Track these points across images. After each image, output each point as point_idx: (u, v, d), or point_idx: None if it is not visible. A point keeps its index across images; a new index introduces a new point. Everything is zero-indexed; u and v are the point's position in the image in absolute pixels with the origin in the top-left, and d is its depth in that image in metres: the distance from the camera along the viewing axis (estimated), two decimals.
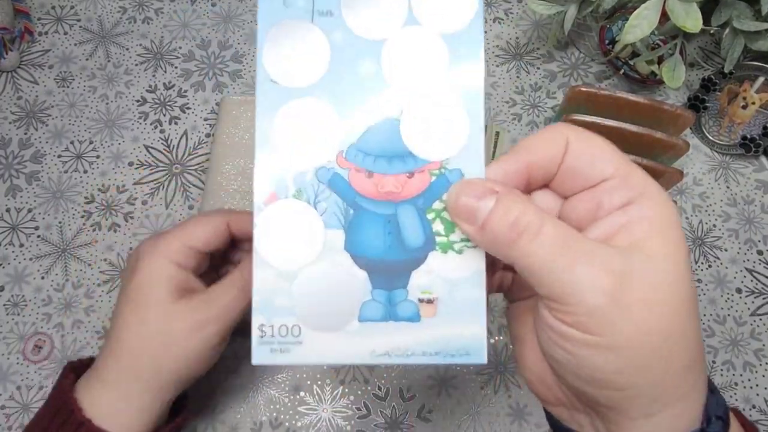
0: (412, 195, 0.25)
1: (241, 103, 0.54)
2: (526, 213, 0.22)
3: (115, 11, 0.62)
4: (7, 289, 0.52)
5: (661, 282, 0.21)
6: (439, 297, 0.25)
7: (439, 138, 0.25)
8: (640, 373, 0.22)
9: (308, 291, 0.25)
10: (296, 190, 0.25)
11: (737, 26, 0.50)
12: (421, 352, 0.25)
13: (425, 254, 0.25)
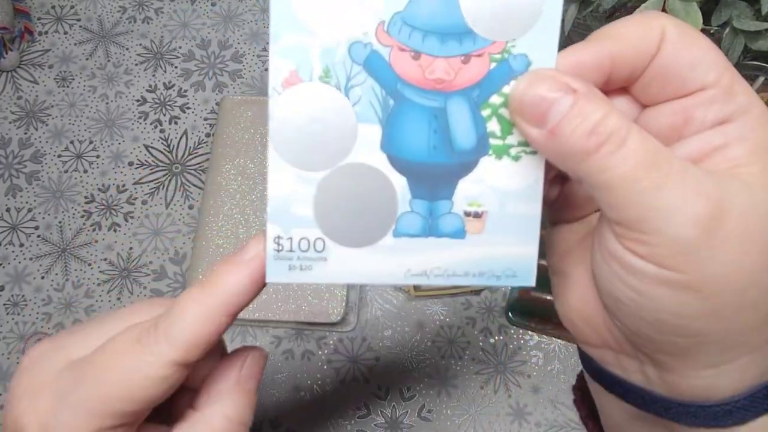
0: (466, 85, 0.20)
1: (241, 103, 0.54)
2: (609, 118, 0.17)
3: (115, 11, 0.62)
4: (7, 288, 0.52)
5: (761, 217, 0.18)
6: (489, 210, 0.21)
7: (507, 12, 0.19)
8: (721, 319, 0.18)
9: (335, 198, 0.20)
10: (323, 70, 0.20)
11: (737, 26, 0.50)
12: (463, 273, 0.21)
13: (476, 159, 0.21)
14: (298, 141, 0.20)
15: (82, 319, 0.50)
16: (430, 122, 0.20)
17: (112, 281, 0.52)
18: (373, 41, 0.19)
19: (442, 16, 0.19)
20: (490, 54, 0.20)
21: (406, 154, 0.20)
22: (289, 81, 0.19)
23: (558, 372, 0.49)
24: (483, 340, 0.50)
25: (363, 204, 0.21)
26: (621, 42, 0.19)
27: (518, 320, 0.50)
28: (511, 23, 0.19)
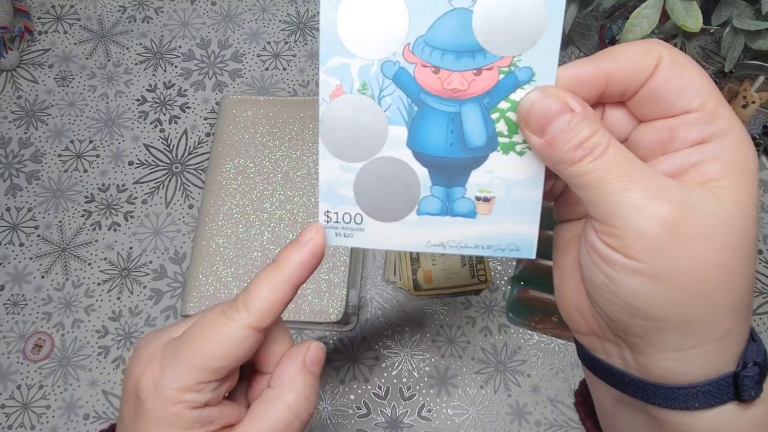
0: (477, 93, 0.24)
1: (241, 102, 0.54)
2: (595, 136, 0.21)
3: (114, 10, 0.62)
4: (7, 288, 0.52)
5: (721, 222, 0.21)
6: (497, 196, 0.25)
7: (513, 32, 0.23)
8: (679, 307, 0.21)
9: (370, 184, 0.26)
10: (361, 84, 0.24)
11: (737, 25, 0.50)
12: (473, 245, 0.26)
13: (486, 154, 0.25)
14: (342, 139, 0.25)
15: (82, 319, 0.50)
16: (447, 124, 0.25)
17: (112, 281, 0.52)
18: (401, 60, 0.24)
19: (458, 38, 0.23)
20: (498, 67, 0.24)
21: (428, 149, 0.25)
22: (334, 93, 0.24)
23: (558, 371, 0.49)
24: (483, 339, 0.50)
25: (392, 188, 0.26)
26: (619, 63, 0.22)
27: (518, 319, 0.50)
28: (517, 41, 0.23)
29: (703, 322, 0.21)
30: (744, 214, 0.21)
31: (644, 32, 0.47)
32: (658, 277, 0.21)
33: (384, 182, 0.26)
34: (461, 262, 0.51)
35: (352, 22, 0.24)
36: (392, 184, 0.26)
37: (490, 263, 0.52)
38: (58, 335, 0.50)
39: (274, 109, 0.53)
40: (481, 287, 0.51)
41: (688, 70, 0.22)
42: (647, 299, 0.21)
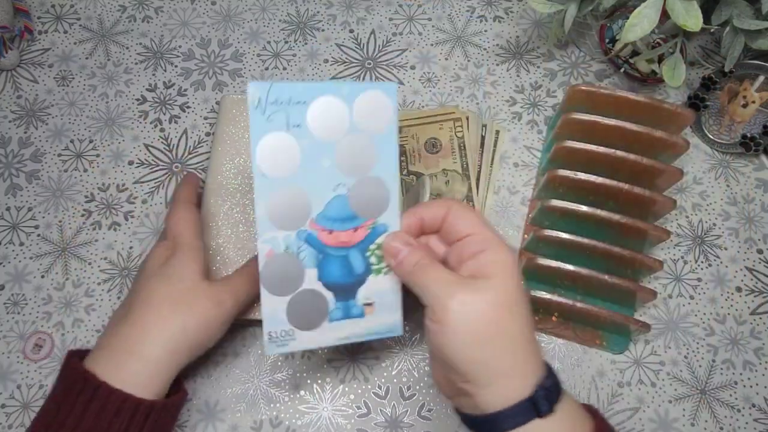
0: (357, 242, 0.38)
1: (241, 102, 0.54)
2: (423, 258, 0.36)
3: (114, 10, 0.62)
4: (8, 287, 0.52)
5: (491, 298, 0.33)
6: (375, 301, 0.39)
7: (371, 206, 0.38)
8: (475, 355, 0.33)
9: (297, 308, 0.38)
10: (285, 246, 0.37)
11: (737, 25, 0.50)
12: (365, 334, 0.39)
13: (366, 277, 0.38)
14: (276, 282, 0.37)
15: (82, 318, 0.50)
16: (341, 262, 0.38)
17: (112, 280, 0.52)
18: (308, 228, 0.37)
19: (341, 212, 0.37)
20: (367, 226, 0.38)
21: (331, 280, 0.38)
22: (268, 254, 0.37)
23: (558, 371, 0.49)
24: None
25: (311, 308, 0.38)
26: (425, 214, 0.38)
27: None
28: (374, 210, 0.38)
29: (493, 364, 0.33)
30: (507, 292, 0.34)
31: (644, 31, 0.47)
32: (453, 333, 0.33)
33: (305, 305, 0.38)
34: None
35: (277, 211, 0.36)
36: (311, 306, 0.38)
37: None
38: (59, 335, 0.50)
39: None
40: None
41: (464, 212, 0.37)
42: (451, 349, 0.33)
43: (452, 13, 0.62)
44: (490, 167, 0.55)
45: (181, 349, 0.40)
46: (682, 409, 0.49)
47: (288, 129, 0.35)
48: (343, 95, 0.36)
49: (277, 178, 0.36)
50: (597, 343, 0.50)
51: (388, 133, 0.37)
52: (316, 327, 0.38)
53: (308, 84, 0.36)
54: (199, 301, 0.41)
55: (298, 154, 0.36)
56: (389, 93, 0.37)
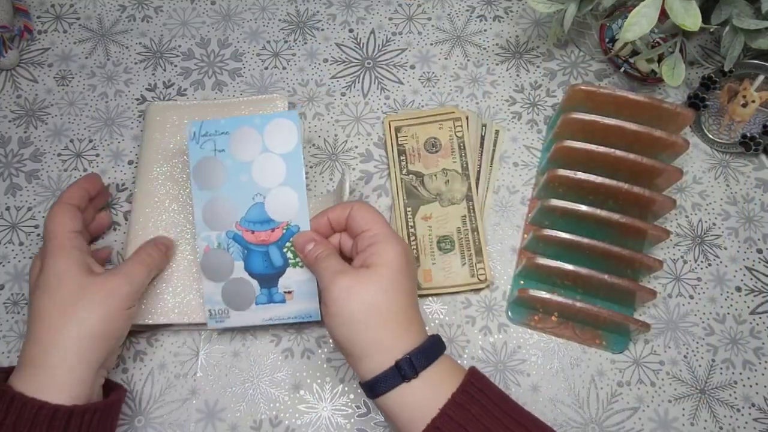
0: (275, 240, 0.46)
1: (166, 109, 0.54)
2: (324, 251, 0.43)
3: (114, 9, 0.62)
4: (7, 287, 0.52)
5: (368, 284, 0.39)
6: (294, 290, 0.47)
7: (284, 210, 0.46)
8: (350, 333, 0.39)
9: (230, 292, 0.47)
10: (218, 243, 0.47)
11: (737, 24, 0.50)
12: (287, 317, 0.47)
13: (285, 269, 0.46)
14: (212, 271, 0.47)
15: None
16: (263, 256, 0.46)
17: None
18: (235, 229, 0.46)
19: (260, 216, 0.46)
20: (282, 227, 0.46)
21: (255, 270, 0.47)
22: (206, 249, 0.47)
23: (558, 371, 0.49)
24: (483, 338, 0.50)
25: (240, 293, 0.47)
26: (332, 214, 0.45)
27: (518, 319, 0.50)
28: (287, 214, 0.46)
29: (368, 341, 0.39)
30: (382, 277, 0.40)
31: (643, 31, 0.47)
32: (337, 316, 0.39)
33: (236, 290, 0.47)
34: (461, 261, 0.51)
35: (209, 215, 0.46)
36: (240, 291, 0.47)
37: (490, 263, 0.52)
38: None
39: (199, 113, 0.54)
40: (481, 286, 0.51)
41: (363, 212, 0.43)
42: (336, 331, 0.40)
43: (452, 13, 0.62)
44: (490, 167, 0.55)
45: (88, 349, 0.41)
46: (681, 409, 0.49)
47: (215, 153, 0.46)
48: (255, 124, 0.46)
49: (209, 190, 0.46)
50: (597, 342, 0.50)
51: (295, 152, 0.46)
52: (245, 308, 0.47)
53: (229, 119, 0.47)
54: (88, 297, 0.41)
55: (223, 171, 0.46)
56: (293, 119, 0.46)
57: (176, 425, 0.47)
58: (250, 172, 0.46)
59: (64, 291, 0.41)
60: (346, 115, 0.58)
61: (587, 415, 0.48)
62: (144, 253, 0.46)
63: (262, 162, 0.46)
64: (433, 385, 0.38)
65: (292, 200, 0.46)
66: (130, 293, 0.43)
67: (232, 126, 0.46)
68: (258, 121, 0.46)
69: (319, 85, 0.59)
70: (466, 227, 0.52)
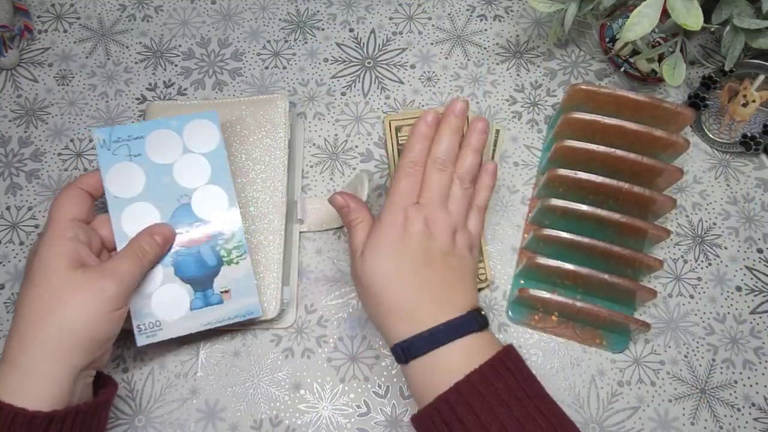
0: (207, 239, 0.45)
1: (167, 108, 0.54)
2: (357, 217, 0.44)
3: (114, 9, 0.62)
4: (8, 287, 0.52)
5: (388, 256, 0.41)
6: (231, 288, 0.45)
7: (213, 209, 0.46)
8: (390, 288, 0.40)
9: (161, 302, 0.44)
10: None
11: (738, 24, 0.50)
12: (227, 318, 0.45)
13: (219, 268, 0.45)
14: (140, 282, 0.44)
15: None
16: (194, 258, 0.45)
17: None
18: None
19: (187, 217, 0.45)
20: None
21: (187, 275, 0.45)
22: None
23: (558, 370, 0.49)
24: None
25: (173, 301, 0.44)
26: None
27: (518, 318, 0.50)
28: (214, 212, 0.46)
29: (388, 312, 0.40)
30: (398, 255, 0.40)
31: (645, 30, 0.47)
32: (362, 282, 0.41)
33: (167, 299, 0.44)
34: None
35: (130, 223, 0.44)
36: (172, 299, 0.44)
37: (490, 262, 0.52)
38: None
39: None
40: (482, 286, 0.51)
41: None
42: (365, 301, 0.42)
43: (452, 12, 0.62)
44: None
45: (70, 351, 0.38)
46: (681, 408, 0.49)
47: (130, 159, 0.45)
48: (172, 127, 0.46)
49: (127, 198, 0.44)
50: (597, 342, 0.50)
51: (218, 150, 0.46)
52: (179, 315, 0.44)
53: (143, 123, 0.46)
54: (74, 295, 0.38)
55: (142, 176, 0.45)
56: (212, 119, 0.47)
57: (176, 425, 0.47)
58: (171, 173, 0.45)
59: (49, 286, 0.39)
60: (347, 115, 0.58)
61: (587, 414, 0.48)
62: (137, 247, 0.42)
63: (184, 163, 0.46)
64: (469, 352, 0.38)
65: (221, 198, 0.46)
66: (117, 295, 0.40)
67: (147, 130, 0.46)
68: (175, 124, 0.46)
69: (320, 85, 0.59)
70: None
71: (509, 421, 0.36)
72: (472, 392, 0.37)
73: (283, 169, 0.51)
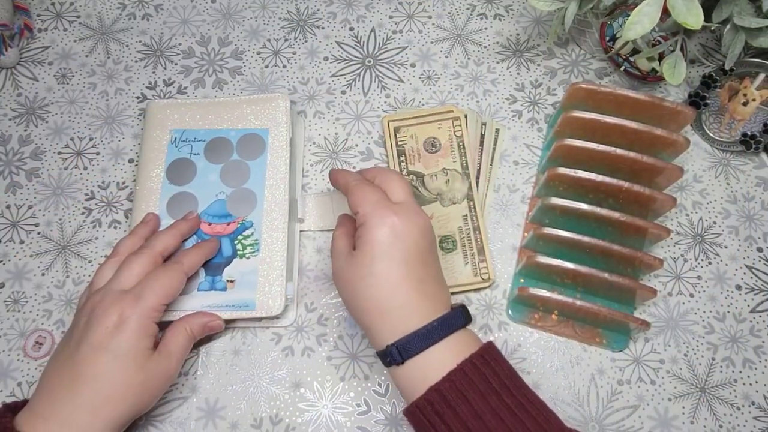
0: (229, 232, 0.50)
1: (166, 107, 0.54)
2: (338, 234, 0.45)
3: (114, 7, 0.62)
4: (8, 285, 0.52)
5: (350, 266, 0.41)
6: (236, 279, 0.49)
7: (242, 207, 0.51)
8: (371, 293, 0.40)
9: None
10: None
11: (738, 23, 0.50)
12: (224, 305, 0.48)
13: (232, 259, 0.49)
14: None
15: None
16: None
17: None
18: None
19: (220, 210, 0.51)
20: (237, 221, 0.51)
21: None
22: None
23: (557, 369, 0.49)
24: (483, 337, 0.50)
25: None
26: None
27: (518, 317, 0.51)
28: (245, 211, 0.51)
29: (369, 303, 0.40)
30: (360, 262, 0.40)
31: (645, 29, 0.47)
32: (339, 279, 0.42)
33: None
34: (464, 260, 0.51)
35: (174, 206, 0.51)
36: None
37: (492, 261, 0.52)
38: (59, 332, 0.50)
39: (200, 111, 0.54)
40: (485, 285, 0.51)
41: (354, 196, 0.42)
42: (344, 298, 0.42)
43: (452, 11, 0.62)
44: (490, 165, 0.55)
45: (126, 422, 0.42)
46: (681, 407, 0.49)
47: (190, 156, 0.53)
48: (230, 136, 0.53)
49: (177, 185, 0.52)
50: (597, 341, 0.50)
51: (261, 160, 0.52)
52: (187, 293, 0.48)
53: (208, 129, 0.53)
54: (151, 377, 0.42)
55: (194, 171, 0.52)
56: (264, 134, 0.53)
57: (177, 423, 0.47)
58: (218, 173, 0.52)
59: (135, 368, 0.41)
60: (347, 114, 0.58)
61: (587, 413, 0.48)
62: (188, 326, 0.46)
63: (231, 166, 0.52)
64: (458, 347, 0.39)
65: (252, 199, 0.51)
66: (176, 370, 0.44)
67: (209, 135, 0.53)
68: (233, 134, 0.53)
69: (320, 84, 0.59)
70: (467, 226, 0.52)
71: (501, 408, 0.37)
72: (463, 382, 0.37)
73: (285, 168, 0.51)
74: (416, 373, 0.39)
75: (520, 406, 0.37)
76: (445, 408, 0.37)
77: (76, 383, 0.40)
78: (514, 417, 0.37)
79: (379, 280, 0.40)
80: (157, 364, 0.42)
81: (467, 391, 0.37)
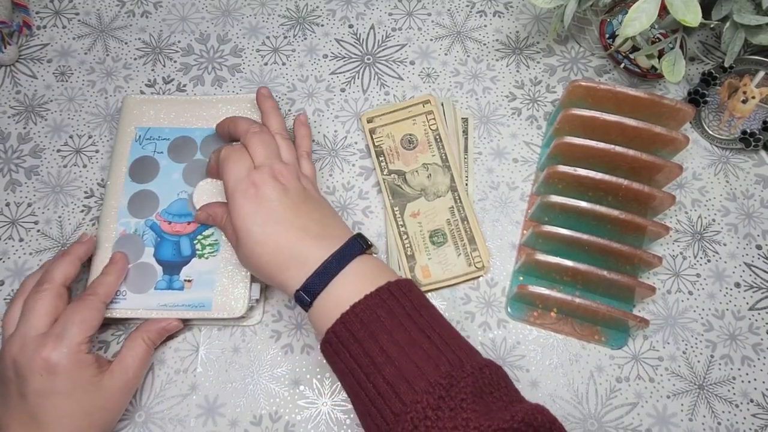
0: (189, 232, 0.50)
1: (143, 102, 0.54)
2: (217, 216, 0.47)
3: (113, 5, 0.62)
4: (8, 283, 0.52)
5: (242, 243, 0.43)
6: (194, 279, 0.49)
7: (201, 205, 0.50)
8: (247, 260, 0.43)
9: (133, 275, 0.49)
10: (135, 229, 0.50)
11: (738, 20, 0.50)
12: (181, 304, 0.48)
13: (190, 259, 0.50)
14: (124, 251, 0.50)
15: None
16: (173, 245, 0.50)
17: None
18: (154, 219, 0.51)
19: (180, 209, 0.51)
20: (196, 221, 0.50)
21: (163, 257, 0.50)
22: (122, 233, 0.50)
23: (557, 366, 0.49)
24: (482, 334, 0.50)
25: (143, 276, 0.49)
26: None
27: (517, 314, 0.51)
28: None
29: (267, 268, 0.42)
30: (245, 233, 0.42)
31: (643, 26, 0.47)
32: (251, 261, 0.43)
33: (140, 273, 0.49)
34: (456, 252, 0.51)
35: (134, 204, 0.51)
36: (144, 275, 0.49)
37: (487, 246, 0.52)
38: None
39: (176, 108, 0.54)
40: (480, 274, 0.51)
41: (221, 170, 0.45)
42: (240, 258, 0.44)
43: (452, 8, 0.62)
44: (465, 155, 0.55)
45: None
46: (680, 404, 0.49)
47: (154, 154, 0.53)
48: (195, 135, 0.53)
49: (139, 183, 0.52)
50: (596, 338, 0.50)
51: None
52: (144, 292, 0.48)
53: (172, 128, 0.53)
54: (110, 396, 0.43)
55: (156, 169, 0.52)
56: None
57: (176, 420, 0.47)
58: (181, 172, 0.52)
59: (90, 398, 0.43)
60: (346, 111, 0.58)
61: (586, 410, 0.48)
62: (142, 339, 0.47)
63: (194, 165, 0.52)
64: (361, 278, 0.40)
65: (213, 199, 0.50)
66: (138, 383, 0.47)
67: (173, 134, 0.53)
68: (197, 133, 0.53)
69: (319, 81, 0.59)
70: (455, 218, 0.52)
71: (399, 333, 0.37)
72: (365, 311, 0.38)
73: None
74: (326, 311, 0.40)
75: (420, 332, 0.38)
76: (348, 336, 0.38)
77: (41, 423, 0.41)
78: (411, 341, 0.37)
79: (263, 248, 0.41)
80: (113, 382, 0.43)
81: (369, 321, 0.38)
